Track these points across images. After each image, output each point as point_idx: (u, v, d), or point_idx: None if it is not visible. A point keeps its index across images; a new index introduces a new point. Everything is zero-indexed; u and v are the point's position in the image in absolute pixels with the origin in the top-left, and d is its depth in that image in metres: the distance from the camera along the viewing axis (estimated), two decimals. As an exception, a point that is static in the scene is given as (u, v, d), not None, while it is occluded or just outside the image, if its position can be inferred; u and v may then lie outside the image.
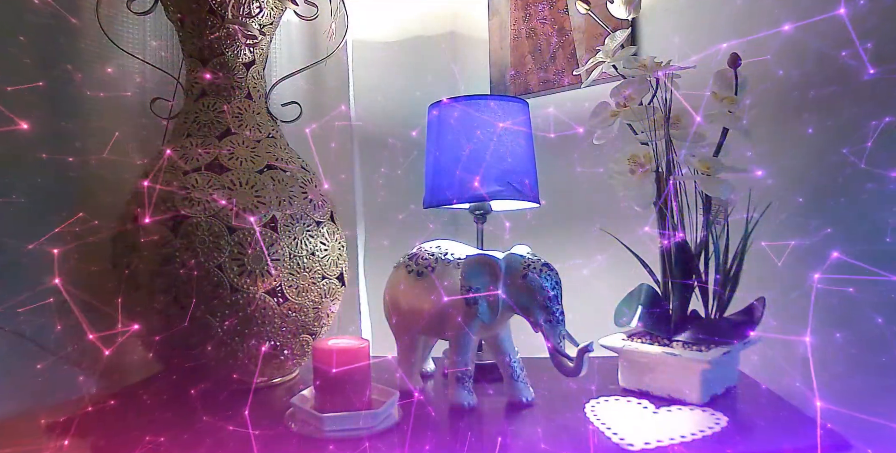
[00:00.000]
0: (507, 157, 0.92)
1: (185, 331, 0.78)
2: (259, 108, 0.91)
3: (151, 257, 0.78)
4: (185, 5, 0.85)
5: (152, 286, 0.77)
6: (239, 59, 0.89)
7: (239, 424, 0.73)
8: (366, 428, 0.68)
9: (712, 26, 1.00)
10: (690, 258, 0.82)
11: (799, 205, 0.88)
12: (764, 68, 0.89)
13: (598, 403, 0.77)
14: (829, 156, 0.85)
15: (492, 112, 0.93)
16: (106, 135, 0.91)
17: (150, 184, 0.81)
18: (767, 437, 0.66)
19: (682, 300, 0.84)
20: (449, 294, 0.76)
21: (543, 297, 0.72)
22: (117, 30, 0.95)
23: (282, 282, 0.81)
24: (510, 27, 1.28)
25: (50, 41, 0.86)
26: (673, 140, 0.81)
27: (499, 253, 0.78)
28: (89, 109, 0.91)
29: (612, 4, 0.91)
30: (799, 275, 0.90)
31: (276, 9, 0.90)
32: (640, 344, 0.81)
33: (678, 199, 0.82)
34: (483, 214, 0.97)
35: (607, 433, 0.67)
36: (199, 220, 0.78)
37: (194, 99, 0.89)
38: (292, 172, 0.87)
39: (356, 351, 0.71)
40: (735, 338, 0.79)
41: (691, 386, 0.76)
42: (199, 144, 0.84)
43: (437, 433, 0.69)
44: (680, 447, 0.63)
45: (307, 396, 0.75)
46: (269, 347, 0.83)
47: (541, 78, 1.23)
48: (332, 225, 0.90)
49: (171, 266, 0.77)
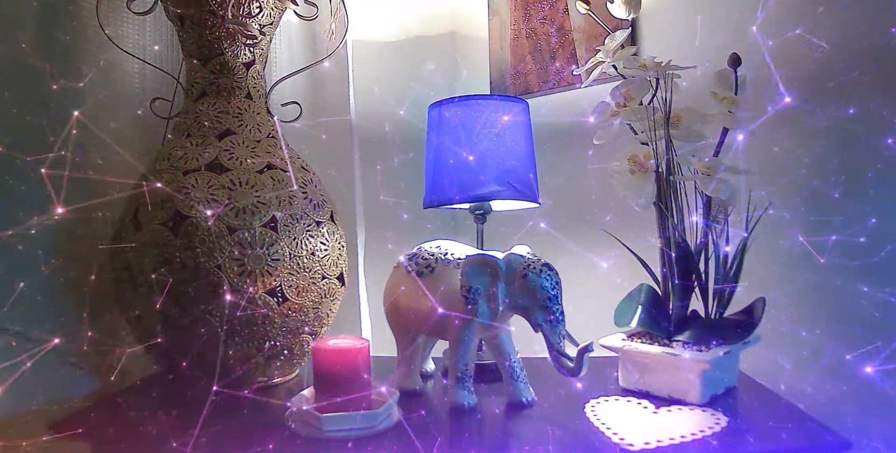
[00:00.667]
0: (507, 157, 0.92)
1: (184, 332, 0.78)
2: (259, 108, 0.91)
3: (151, 257, 0.78)
4: (185, 5, 0.85)
5: (152, 286, 0.77)
6: (239, 59, 0.89)
7: (239, 424, 0.73)
8: (366, 428, 0.68)
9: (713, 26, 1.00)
10: (690, 258, 0.82)
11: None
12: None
13: (598, 403, 0.77)
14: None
15: (492, 112, 0.93)
16: (106, 134, 0.91)
17: (150, 185, 0.82)
18: (767, 437, 0.66)
19: (682, 300, 0.84)
20: (449, 294, 0.76)
21: (543, 297, 0.72)
22: (117, 30, 0.95)
23: (282, 282, 0.81)
24: (510, 27, 1.28)
25: (50, 40, 0.86)
26: (673, 140, 0.81)
27: (499, 253, 0.78)
28: (89, 109, 0.91)
29: (612, 4, 0.91)
30: (799, 275, 0.91)
31: (276, 9, 0.90)
32: (640, 345, 0.81)
33: (678, 199, 0.82)
34: (483, 214, 0.97)
35: (607, 433, 0.67)
36: (199, 220, 0.78)
37: (194, 99, 0.89)
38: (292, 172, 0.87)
39: (356, 351, 0.71)
40: (735, 338, 0.79)
41: (691, 386, 0.76)
42: (199, 144, 0.84)
43: (437, 433, 0.69)
44: (680, 447, 0.63)
45: (307, 396, 0.75)
46: (269, 347, 0.83)
47: (541, 78, 1.23)
48: (332, 225, 0.90)
49: (171, 266, 0.77)
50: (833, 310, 0.88)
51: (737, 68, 0.80)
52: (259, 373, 0.86)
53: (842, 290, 0.86)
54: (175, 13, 0.87)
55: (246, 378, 0.85)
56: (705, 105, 0.82)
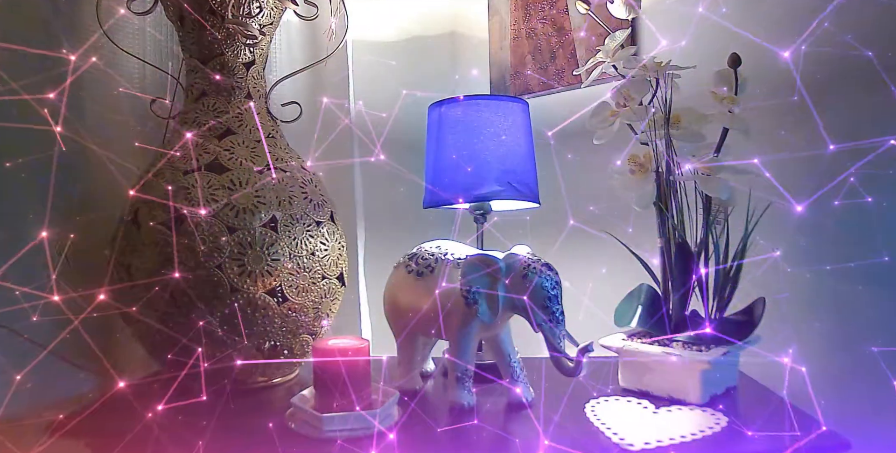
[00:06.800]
0: (507, 157, 0.92)
1: (184, 331, 0.78)
2: (259, 108, 0.91)
3: (151, 257, 0.78)
4: (184, 5, 0.85)
5: (152, 286, 0.77)
6: (239, 59, 0.89)
7: (239, 424, 0.73)
8: (366, 428, 0.68)
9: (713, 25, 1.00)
10: (690, 258, 0.82)
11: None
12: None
13: (598, 403, 0.77)
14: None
15: (492, 112, 0.93)
16: (106, 134, 0.91)
17: (150, 185, 0.82)
18: (767, 437, 0.66)
19: (682, 300, 0.84)
20: (449, 294, 0.76)
21: (543, 297, 0.72)
22: (117, 30, 0.95)
23: (282, 282, 0.81)
24: (510, 27, 1.28)
25: (50, 40, 0.86)
26: (673, 140, 0.81)
27: (499, 253, 0.78)
28: (89, 109, 0.91)
29: (612, 4, 0.91)
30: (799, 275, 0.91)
31: (276, 9, 0.90)
32: (640, 345, 0.81)
33: (678, 199, 0.82)
34: (483, 214, 0.97)
35: (607, 433, 0.67)
36: (199, 220, 0.78)
37: (194, 99, 0.89)
38: (292, 172, 0.87)
39: (356, 351, 0.71)
40: (735, 338, 0.79)
41: (691, 386, 0.76)
42: (199, 144, 0.84)
43: (437, 433, 0.69)
44: (680, 447, 0.63)
45: (307, 396, 0.75)
46: (269, 347, 0.83)
47: (541, 78, 1.23)
48: (332, 225, 0.90)
49: (171, 266, 0.77)
50: (833, 310, 0.88)
51: (737, 68, 0.80)
52: (259, 373, 0.86)
53: (842, 290, 0.86)
54: (175, 13, 0.87)
55: (246, 378, 0.85)
56: (706, 105, 0.82)
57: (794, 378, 0.89)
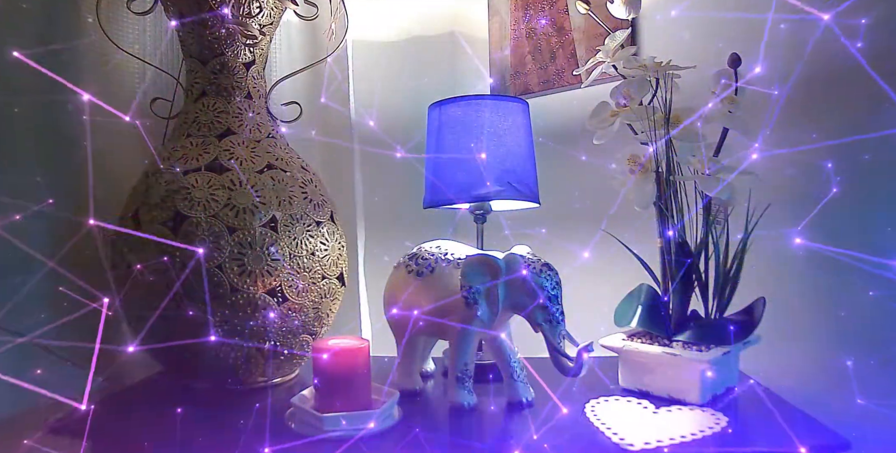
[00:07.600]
0: (508, 157, 0.92)
1: (184, 331, 0.78)
2: (259, 108, 0.91)
3: (151, 257, 0.78)
4: (185, 5, 0.85)
5: (152, 286, 0.77)
6: (239, 59, 0.89)
7: (239, 424, 0.73)
8: (366, 428, 0.68)
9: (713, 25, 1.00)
10: (690, 258, 0.82)
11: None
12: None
13: (598, 403, 0.77)
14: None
15: (492, 112, 0.93)
16: (105, 134, 0.91)
17: (150, 185, 0.82)
18: (767, 437, 0.66)
19: (682, 300, 0.84)
20: (449, 294, 0.76)
21: (543, 297, 0.72)
22: (117, 29, 0.95)
23: (282, 282, 0.81)
24: (510, 27, 1.28)
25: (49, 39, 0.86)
26: (673, 140, 0.81)
27: (499, 253, 0.78)
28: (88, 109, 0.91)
29: (612, 4, 0.91)
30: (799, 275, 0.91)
31: (276, 9, 0.90)
32: (640, 345, 0.81)
33: (678, 199, 0.82)
34: (483, 214, 0.97)
35: (607, 433, 0.67)
36: (199, 220, 0.78)
37: (194, 99, 0.89)
38: (292, 172, 0.87)
39: (356, 351, 0.71)
40: (735, 337, 0.78)
41: (691, 386, 0.76)
42: (199, 144, 0.84)
43: (437, 433, 0.69)
44: (680, 447, 0.63)
45: (307, 396, 0.75)
46: (269, 347, 0.83)
47: (541, 78, 1.23)
48: (332, 225, 0.90)
49: (171, 266, 0.77)
50: (833, 311, 0.88)
51: (737, 68, 0.80)
52: (259, 373, 0.86)
53: (841, 290, 0.86)
54: (175, 13, 0.87)
55: (246, 378, 0.85)
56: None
57: (794, 377, 0.89)
